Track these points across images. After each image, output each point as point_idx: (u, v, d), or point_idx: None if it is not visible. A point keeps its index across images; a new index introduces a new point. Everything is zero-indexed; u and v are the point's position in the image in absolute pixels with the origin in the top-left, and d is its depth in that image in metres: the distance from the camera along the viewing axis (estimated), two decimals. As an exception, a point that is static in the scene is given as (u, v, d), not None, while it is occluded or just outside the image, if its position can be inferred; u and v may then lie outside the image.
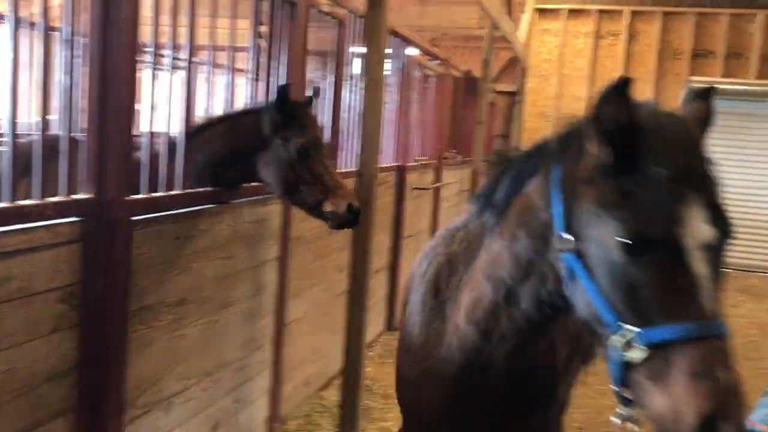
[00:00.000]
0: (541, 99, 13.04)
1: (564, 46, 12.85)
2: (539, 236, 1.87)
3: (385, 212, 6.58)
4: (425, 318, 2.33)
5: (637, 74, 12.57)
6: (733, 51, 12.20)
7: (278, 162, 3.30)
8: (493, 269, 2.03)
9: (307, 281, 4.75)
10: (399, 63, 6.81)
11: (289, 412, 4.62)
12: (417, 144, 7.86)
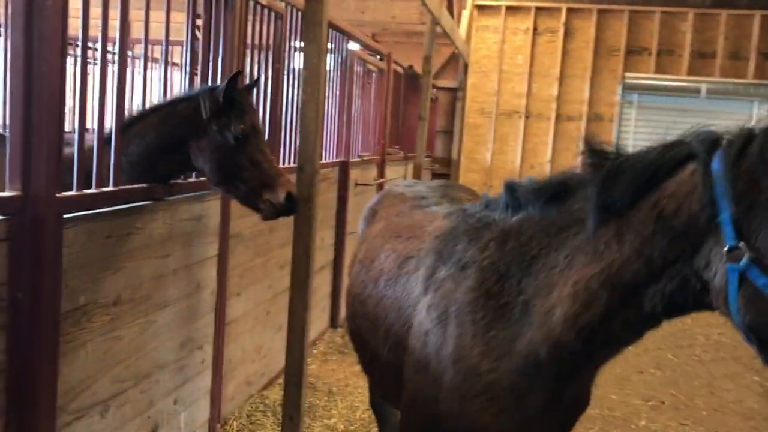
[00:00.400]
0: (481, 95, 13.17)
1: (503, 42, 13.01)
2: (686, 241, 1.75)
3: (328, 208, 6.54)
4: (478, 327, 2.11)
5: (574, 70, 12.84)
6: (665, 48, 12.57)
7: (216, 148, 3.23)
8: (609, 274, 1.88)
9: (248, 279, 4.67)
10: (340, 58, 6.77)
11: (230, 412, 4.54)
12: (360, 140, 7.84)
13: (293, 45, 5.27)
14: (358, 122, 7.65)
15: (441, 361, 2.18)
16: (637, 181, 1.86)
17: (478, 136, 13.27)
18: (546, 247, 2.06)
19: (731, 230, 1.63)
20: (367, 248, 3.08)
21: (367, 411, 5.01)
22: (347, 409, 5.03)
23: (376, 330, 2.65)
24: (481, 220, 2.35)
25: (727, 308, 1.69)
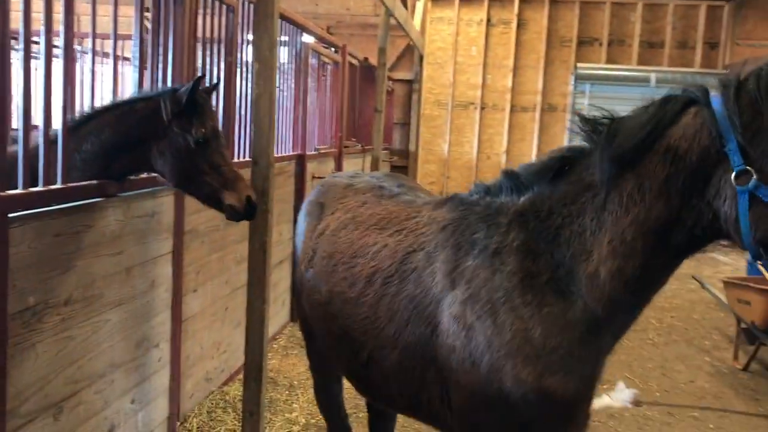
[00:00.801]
0: (437, 87, 13.23)
1: (458, 34, 13.07)
2: (698, 176, 1.94)
3: (285, 202, 6.50)
4: (533, 308, 2.14)
5: (527, 61, 12.98)
6: (616, 38, 12.80)
7: (176, 151, 3.20)
8: (638, 223, 2.02)
9: (205, 275, 4.62)
10: (295, 50, 6.73)
11: (190, 409, 4.50)
12: (317, 132, 7.81)
13: (246, 38, 5.21)
14: (314, 115, 7.62)
15: (500, 350, 2.15)
16: (643, 131, 2.02)
17: (435, 128, 13.33)
18: (567, 216, 2.16)
19: (739, 157, 1.85)
20: (333, 242, 2.88)
21: (328, 404, 5.02)
22: (309, 402, 5.01)
23: (376, 331, 2.48)
24: (489, 206, 2.38)
25: (737, 229, 1.88)
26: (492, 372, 2.15)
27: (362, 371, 2.66)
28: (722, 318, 8.01)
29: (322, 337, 3.03)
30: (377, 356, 2.50)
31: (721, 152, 1.89)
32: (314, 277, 2.92)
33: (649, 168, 2.02)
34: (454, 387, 2.26)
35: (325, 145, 8.11)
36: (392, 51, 13.33)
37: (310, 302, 2.97)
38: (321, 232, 3.05)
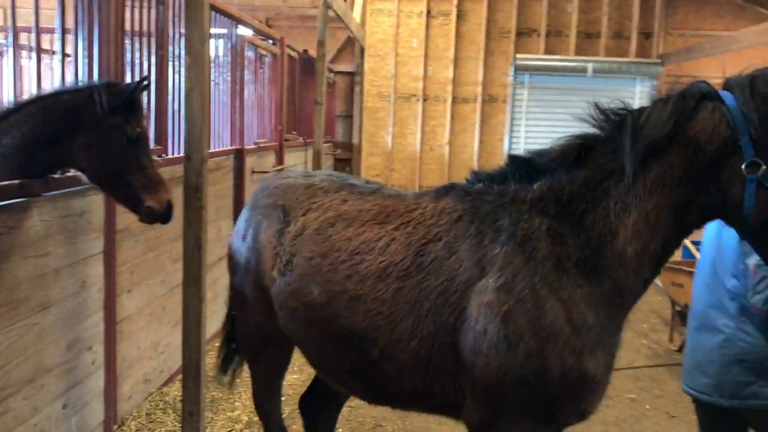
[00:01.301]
0: (379, 79, 13.21)
1: (398, 26, 13.07)
2: (715, 164, 2.19)
3: (224, 197, 6.40)
4: (571, 290, 2.30)
5: (467, 53, 13.07)
6: (553, 29, 12.98)
7: (108, 147, 3.13)
8: (663, 206, 2.26)
9: (140, 275, 4.51)
10: (230, 43, 6.62)
11: (128, 412, 4.39)
12: (255, 126, 7.70)
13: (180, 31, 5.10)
14: (253, 109, 7.51)
15: (541, 331, 2.26)
16: (669, 124, 2.23)
17: (378, 120, 13.32)
18: (591, 200, 2.33)
19: (751, 149, 2.13)
20: (323, 242, 2.74)
21: (272, 400, 4.97)
22: (251, 400, 4.95)
23: (391, 326, 2.47)
24: (503, 194, 2.48)
25: (739, 211, 2.18)
26: (532, 354, 2.26)
27: (369, 370, 2.60)
28: (659, 302, 8.26)
29: (310, 341, 2.82)
30: (391, 351, 2.48)
31: (735, 144, 2.15)
32: (299, 280, 2.76)
33: (672, 157, 2.25)
34: (481, 370, 2.33)
35: (265, 138, 8.00)
36: (333, 43, 13.25)
37: (291, 307, 2.80)
38: (297, 233, 2.85)
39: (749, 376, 2.89)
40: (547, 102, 12.92)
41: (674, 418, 4.99)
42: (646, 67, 12.55)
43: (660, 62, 12.54)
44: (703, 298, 3.12)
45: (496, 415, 2.37)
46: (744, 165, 2.14)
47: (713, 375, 2.99)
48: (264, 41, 7.90)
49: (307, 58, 10.01)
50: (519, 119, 13.06)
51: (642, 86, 12.72)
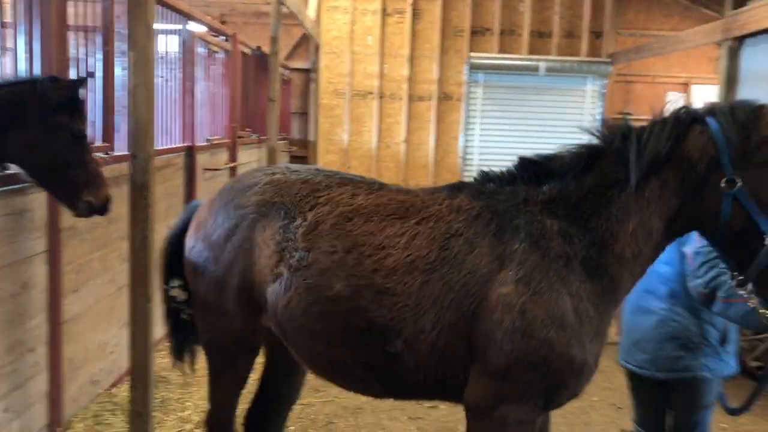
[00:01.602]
0: (335, 76, 13.17)
1: (353, 23, 13.06)
2: (701, 180, 2.51)
3: (175, 196, 6.32)
4: (580, 284, 2.55)
5: (423, 51, 13.13)
6: (507, 28, 13.12)
7: (51, 143, 3.09)
8: (657, 215, 2.57)
9: (87, 274, 4.43)
10: (181, 39, 6.53)
11: (74, 413, 4.31)
12: (207, 123, 7.62)
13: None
14: (205, 106, 7.43)
15: (554, 321, 2.49)
16: (669, 142, 2.53)
17: (334, 117, 13.29)
18: (596, 206, 2.60)
19: (730, 168, 2.45)
20: (344, 236, 2.74)
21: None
22: (202, 399, 4.90)
23: (416, 317, 2.59)
24: (515, 195, 2.70)
25: (716, 222, 2.51)
26: (544, 342, 2.48)
27: (388, 362, 2.68)
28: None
29: (323, 336, 2.77)
30: (413, 342, 2.60)
31: (718, 163, 2.48)
32: (319, 275, 2.72)
33: (669, 171, 2.55)
34: (493, 357, 2.52)
35: (218, 136, 7.92)
36: (288, 40, 13.17)
37: (307, 302, 2.74)
38: (310, 229, 2.80)
39: (681, 351, 3.29)
40: (502, 100, 13.06)
41: (620, 410, 5.10)
42: (597, 66, 12.78)
43: (610, 61, 12.79)
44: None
45: (499, 397, 2.56)
46: (723, 181, 2.46)
47: (650, 352, 3.38)
48: (216, 37, 7.82)
49: (261, 55, 9.93)
50: (474, 117, 13.17)
51: (593, 85, 12.95)
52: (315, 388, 5.22)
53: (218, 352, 3.15)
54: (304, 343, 2.87)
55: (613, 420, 4.91)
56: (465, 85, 13.09)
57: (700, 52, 13.37)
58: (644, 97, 13.86)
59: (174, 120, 6.46)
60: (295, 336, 2.85)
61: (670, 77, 13.80)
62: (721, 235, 2.53)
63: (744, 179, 2.45)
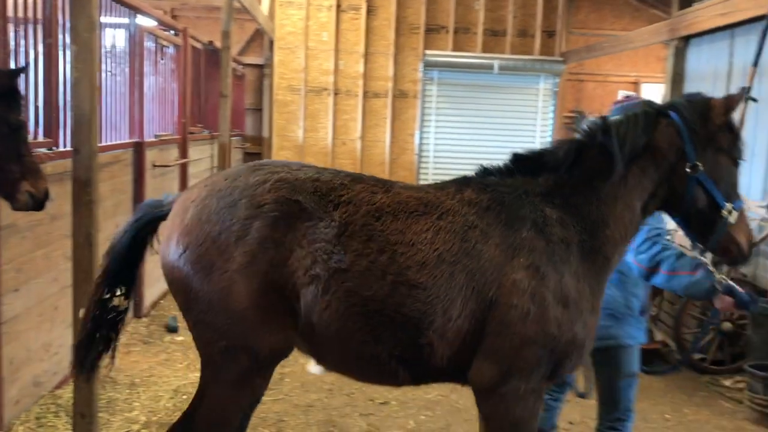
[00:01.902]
0: (289, 72, 13.09)
1: (308, 19, 12.98)
2: (670, 165, 2.91)
3: (123, 192, 6.20)
4: (579, 265, 2.84)
5: (378, 48, 13.13)
6: (461, 26, 13.21)
7: None
8: (638, 199, 2.94)
9: (28, 273, 4.31)
10: (128, 33, 6.40)
11: (15, 416, 4.19)
12: (157, 119, 7.48)
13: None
14: (154, 101, 7.30)
15: (560, 301, 2.74)
16: (645, 135, 2.90)
17: (289, 114, 13.20)
18: (587, 194, 2.90)
19: (693, 155, 2.87)
20: (376, 236, 2.74)
21: (172, 400, 4.86)
22: (150, 399, 4.84)
23: (445, 307, 2.71)
24: (515, 187, 2.92)
25: (682, 203, 2.95)
26: (552, 321, 2.71)
27: (419, 352, 2.77)
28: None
29: (358, 335, 2.75)
30: (443, 331, 2.73)
31: (683, 151, 2.89)
32: (358, 277, 2.71)
33: (645, 160, 2.91)
34: (507, 338, 2.71)
35: (168, 132, 7.79)
36: (241, 35, 13.04)
37: (349, 303, 2.71)
38: (341, 230, 2.74)
39: (609, 321, 3.61)
40: (456, 98, 13.15)
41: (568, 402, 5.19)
42: (550, 65, 12.95)
43: (562, 60, 12.97)
44: None
45: (509, 374, 2.75)
46: (688, 167, 2.87)
47: None
48: (166, 32, 7.69)
49: (213, 50, 9.81)
50: (429, 114, 13.23)
51: (546, 83, 13.13)
52: (266, 386, 5.19)
53: (233, 371, 2.81)
54: (339, 343, 2.80)
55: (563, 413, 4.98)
56: (420, 83, 13.14)
57: (649, 51, 13.67)
58: (596, 95, 14.13)
59: (122, 115, 6.33)
60: (329, 337, 2.77)
61: (621, 76, 14.08)
62: (687, 212, 2.96)
63: (703, 163, 2.88)
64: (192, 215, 2.81)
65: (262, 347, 2.77)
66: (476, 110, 13.05)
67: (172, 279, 2.84)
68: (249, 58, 13.14)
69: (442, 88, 13.16)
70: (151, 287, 6.96)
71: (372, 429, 4.57)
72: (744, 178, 7.08)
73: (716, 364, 6.12)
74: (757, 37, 6.81)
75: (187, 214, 2.82)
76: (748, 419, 5.11)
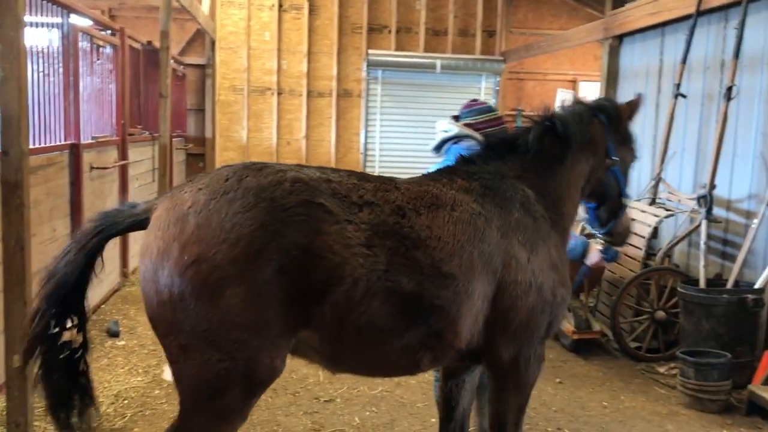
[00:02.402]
0: (232, 72, 12.97)
1: (250, 18, 12.89)
2: (598, 156, 3.54)
3: (59, 196, 6.06)
4: (557, 237, 3.30)
5: (321, 47, 13.13)
6: (403, 26, 13.31)
7: None
8: (582, 180, 3.53)
9: (-43, 279, 4.18)
10: (62, 32, 6.26)
11: (-54, 428, 4.07)
12: (95, 120, 7.33)
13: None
14: (91, 102, 7.14)
15: (551, 270, 3.12)
16: (589, 127, 3.49)
17: (232, 114, 13.08)
18: (550, 176, 3.39)
19: (614, 150, 3.54)
20: (405, 233, 2.77)
21: (113, 405, 4.79)
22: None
23: (467, 292, 2.85)
24: (495, 173, 3.26)
25: (605, 190, 3.62)
26: (548, 289, 3.07)
27: (443, 337, 2.86)
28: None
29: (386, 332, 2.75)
30: (466, 313, 2.87)
31: (607, 146, 3.53)
32: (393, 274, 2.70)
33: (586, 150, 3.48)
34: (512, 311, 3.00)
35: (106, 133, 7.64)
36: (182, 35, 12.86)
37: (382, 300, 2.69)
38: (373, 231, 2.72)
39: None
40: (400, 97, 13.23)
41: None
42: (490, 64, 13.14)
43: (502, 59, 13.19)
44: None
45: (521, 345, 3.09)
46: (608, 160, 3.53)
47: None
48: (102, 32, 7.54)
49: (152, 50, 9.65)
50: (374, 114, 13.28)
51: (487, 82, 13.32)
52: (210, 388, 5.16)
53: (224, 384, 2.56)
54: (373, 342, 2.76)
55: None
56: (364, 82, 13.18)
57: (587, 50, 14.02)
58: (535, 93, 14.41)
59: (56, 117, 6.18)
60: (363, 337, 2.73)
61: (559, 74, 14.40)
62: (603, 197, 3.65)
63: (619, 157, 3.57)
64: (198, 222, 2.51)
65: (270, 366, 2.59)
66: (420, 109, 13.16)
67: (165, 298, 2.50)
68: (190, 59, 12.97)
69: (386, 87, 13.23)
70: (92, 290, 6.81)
71: (317, 427, 4.59)
72: (675, 172, 7.40)
73: (651, 352, 6.33)
74: (685, 35, 7.08)
75: (188, 221, 2.51)
76: (681, 404, 5.30)
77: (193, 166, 13.04)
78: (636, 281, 6.29)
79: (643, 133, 8.28)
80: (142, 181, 9.09)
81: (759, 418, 5.03)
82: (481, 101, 4.40)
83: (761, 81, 6.18)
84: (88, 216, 6.65)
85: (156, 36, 9.37)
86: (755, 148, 6.23)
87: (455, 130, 4.15)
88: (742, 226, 6.34)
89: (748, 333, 5.52)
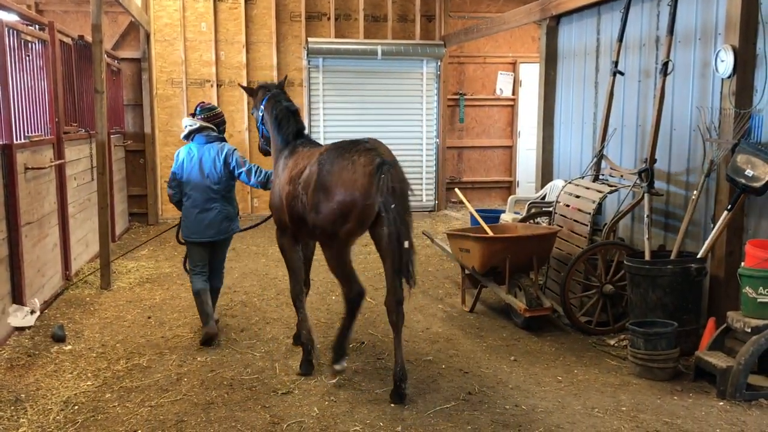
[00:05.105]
0: (168, 65, 12.67)
1: (185, 9, 12.60)
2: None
3: (-7, 199, 5.81)
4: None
5: (259, 37, 12.94)
6: (342, 13, 13.22)
7: None
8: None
9: None
10: (-14, 28, 5.98)
11: None
12: (28, 119, 7.04)
13: None
14: (22, 100, 6.86)
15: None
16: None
17: (171, 108, 12.80)
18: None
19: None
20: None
21: (62, 412, 4.64)
22: (39, 414, 4.59)
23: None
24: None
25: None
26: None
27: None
28: (453, 268, 8.78)
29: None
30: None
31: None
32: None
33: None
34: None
35: (41, 132, 7.36)
36: (115, 28, 12.48)
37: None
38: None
39: (228, 222, 6.26)
40: (342, 84, 13.17)
41: (467, 374, 5.35)
42: (431, 49, 13.18)
43: (443, 44, 13.23)
44: (200, 197, 6.14)
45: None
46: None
47: (216, 228, 6.18)
48: (30, 27, 7.23)
49: (84, 45, 9.33)
50: (317, 102, 13.19)
51: (428, 67, 13.36)
52: (163, 387, 5.04)
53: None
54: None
55: (460, 385, 5.13)
56: (305, 70, 13.07)
57: (525, 32, 14.17)
58: (476, 77, 14.52)
59: (-15, 117, 5.92)
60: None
61: (499, 57, 14.52)
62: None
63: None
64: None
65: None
66: (363, 95, 13.12)
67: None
68: (125, 53, 12.61)
69: (328, 75, 13.14)
70: (41, 293, 6.59)
71: (276, 420, 4.53)
72: (616, 149, 7.55)
73: (601, 325, 6.47)
74: (620, 13, 7.21)
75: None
76: (632, 373, 5.43)
77: (133, 163, 12.71)
78: (583, 257, 6.40)
79: (584, 111, 8.42)
80: (80, 181, 8.81)
81: (706, 382, 5.19)
82: (207, 102, 6.78)
83: (695, 56, 6.35)
84: (26, 219, 6.41)
85: (87, 30, 9.07)
86: (692, 122, 6.40)
87: (198, 125, 6.28)
88: (682, 198, 6.52)
89: (692, 302, 5.69)
